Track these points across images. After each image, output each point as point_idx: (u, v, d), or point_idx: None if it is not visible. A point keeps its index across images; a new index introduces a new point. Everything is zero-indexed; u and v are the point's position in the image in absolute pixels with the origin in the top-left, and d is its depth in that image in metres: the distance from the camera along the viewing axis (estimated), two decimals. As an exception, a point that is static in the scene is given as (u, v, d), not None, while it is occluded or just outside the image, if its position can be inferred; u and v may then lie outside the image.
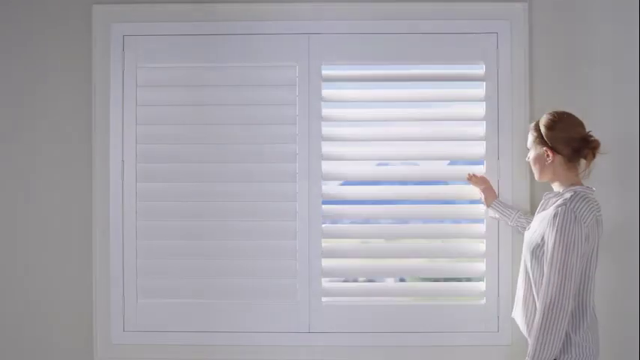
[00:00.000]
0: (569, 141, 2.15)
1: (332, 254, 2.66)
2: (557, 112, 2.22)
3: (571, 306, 2.05)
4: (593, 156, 2.18)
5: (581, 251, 2.04)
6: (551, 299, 2.02)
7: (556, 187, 2.23)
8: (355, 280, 2.79)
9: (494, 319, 2.65)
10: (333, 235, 2.66)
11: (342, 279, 2.75)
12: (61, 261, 2.70)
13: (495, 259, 2.64)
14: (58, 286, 2.70)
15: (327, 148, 2.66)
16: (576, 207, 2.07)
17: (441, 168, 2.68)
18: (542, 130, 2.19)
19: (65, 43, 2.70)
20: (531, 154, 2.26)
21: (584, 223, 2.06)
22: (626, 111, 2.65)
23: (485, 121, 2.65)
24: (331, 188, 2.67)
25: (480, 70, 2.67)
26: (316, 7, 2.66)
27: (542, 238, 2.11)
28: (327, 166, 2.67)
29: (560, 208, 2.05)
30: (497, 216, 2.56)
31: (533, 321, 2.15)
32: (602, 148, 2.19)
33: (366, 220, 2.69)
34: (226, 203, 2.68)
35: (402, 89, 2.68)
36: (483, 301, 2.65)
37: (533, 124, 2.26)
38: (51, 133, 2.70)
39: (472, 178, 2.59)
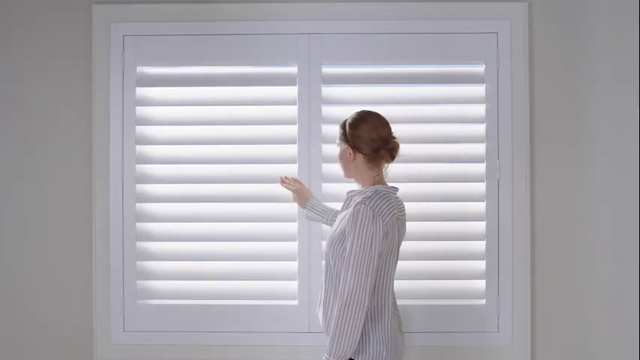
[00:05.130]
0: (369, 141, 2.14)
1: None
2: (363, 112, 2.20)
3: (367, 303, 2.03)
4: (392, 158, 2.18)
5: (379, 249, 2.03)
6: (347, 296, 2.00)
7: (359, 185, 2.22)
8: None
9: (494, 319, 2.65)
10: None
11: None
12: (61, 261, 2.70)
13: (495, 259, 2.64)
14: (58, 286, 2.71)
15: (327, 148, 2.67)
16: (375, 205, 2.05)
17: (441, 167, 2.67)
18: (347, 128, 2.18)
19: (65, 43, 2.71)
20: (338, 151, 2.25)
21: (383, 221, 2.04)
22: (626, 111, 2.65)
23: (485, 121, 2.66)
24: (331, 188, 2.67)
25: (480, 70, 2.67)
26: (316, 7, 2.66)
27: (343, 235, 2.10)
28: (327, 167, 2.67)
29: (359, 206, 2.04)
30: (312, 216, 2.56)
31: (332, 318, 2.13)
32: (401, 149, 2.19)
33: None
34: (226, 204, 2.68)
35: (402, 89, 2.68)
36: (483, 301, 2.66)
37: (341, 122, 2.24)
38: (51, 133, 2.70)
39: (285, 181, 2.60)
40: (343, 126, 2.20)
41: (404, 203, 2.26)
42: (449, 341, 2.64)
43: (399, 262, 2.64)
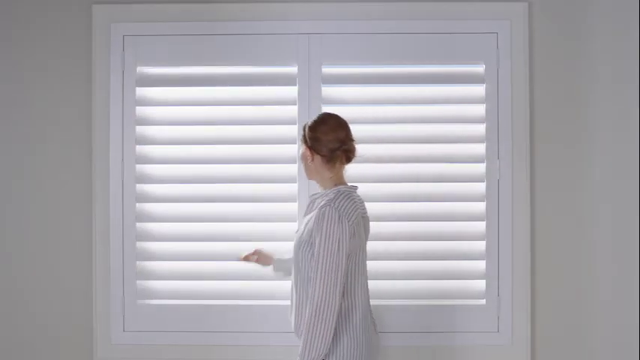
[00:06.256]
0: (327, 143, 2.15)
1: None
2: (323, 114, 2.21)
3: (338, 306, 2.03)
4: (347, 159, 2.19)
5: (347, 250, 2.04)
6: (318, 300, 2.01)
7: (321, 187, 2.22)
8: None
9: (494, 319, 2.65)
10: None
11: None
12: (61, 261, 2.70)
13: (495, 259, 2.64)
14: (58, 287, 2.70)
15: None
16: (340, 205, 2.07)
17: (441, 168, 2.67)
18: (306, 130, 2.19)
19: (65, 43, 2.71)
20: (299, 153, 2.24)
21: (349, 221, 2.06)
22: (626, 111, 2.65)
23: (485, 121, 2.66)
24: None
25: (480, 70, 2.67)
26: (316, 7, 2.66)
27: (311, 237, 2.09)
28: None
29: (325, 208, 2.05)
30: (281, 266, 2.47)
31: (303, 321, 2.12)
32: (357, 152, 2.20)
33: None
34: (225, 204, 2.68)
35: (402, 89, 2.68)
36: (483, 301, 2.66)
37: (303, 125, 2.24)
38: (51, 133, 2.70)
39: (247, 257, 2.50)
40: (304, 128, 2.21)
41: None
42: (449, 341, 2.64)
43: (400, 262, 2.65)
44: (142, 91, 2.69)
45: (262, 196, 2.67)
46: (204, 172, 2.68)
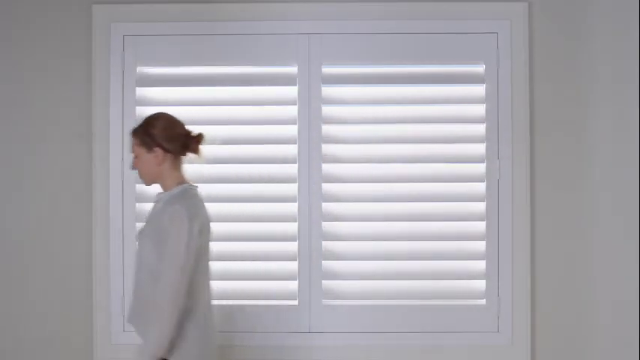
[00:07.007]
0: (176, 137, 2.15)
1: (332, 256, 2.66)
2: (155, 114, 2.20)
3: (182, 302, 2.05)
4: (198, 148, 2.21)
5: (196, 247, 2.07)
6: (168, 298, 2.01)
7: (165, 186, 2.20)
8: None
9: (494, 319, 2.65)
10: (333, 236, 2.66)
11: (342, 279, 2.73)
12: (61, 261, 2.70)
13: (495, 259, 2.64)
14: (58, 286, 2.70)
15: (327, 148, 2.67)
16: (189, 204, 2.09)
17: (441, 168, 2.67)
18: (148, 131, 2.16)
19: (65, 43, 2.71)
20: (137, 160, 2.19)
21: (197, 219, 2.08)
22: (626, 111, 2.65)
23: (485, 121, 2.66)
24: (331, 188, 2.67)
25: (480, 70, 2.67)
26: (316, 7, 2.66)
27: (160, 234, 2.08)
28: (327, 167, 2.67)
29: (176, 206, 2.06)
30: None
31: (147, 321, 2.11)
32: (205, 139, 2.22)
33: (366, 220, 2.68)
34: (226, 205, 2.68)
35: (402, 89, 2.68)
36: (483, 301, 2.66)
37: (132, 130, 2.20)
38: (51, 133, 2.70)
39: None
40: (140, 131, 2.18)
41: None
42: (449, 341, 2.64)
43: (401, 262, 2.65)
44: (142, 91, 2.69)
45: (262, 196, 2.67)
46: (203, 172, 2.68)
